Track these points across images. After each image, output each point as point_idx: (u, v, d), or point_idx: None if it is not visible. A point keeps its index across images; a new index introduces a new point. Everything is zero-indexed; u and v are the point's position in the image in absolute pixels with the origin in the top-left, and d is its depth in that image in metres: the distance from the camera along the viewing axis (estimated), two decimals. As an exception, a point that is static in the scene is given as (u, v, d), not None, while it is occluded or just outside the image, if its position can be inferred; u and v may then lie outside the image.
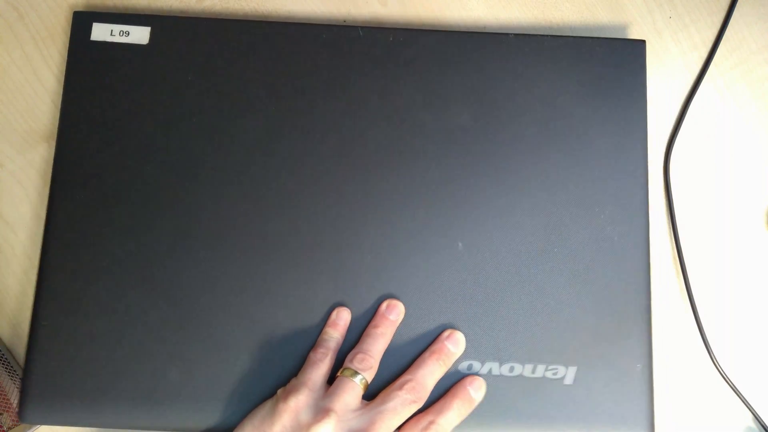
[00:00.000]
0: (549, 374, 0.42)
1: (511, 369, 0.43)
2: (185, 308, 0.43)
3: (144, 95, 0.45)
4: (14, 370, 0.46)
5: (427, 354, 0.42)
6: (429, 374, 0.41)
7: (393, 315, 0.42)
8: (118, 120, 0.44)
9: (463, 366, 0.43)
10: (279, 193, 0.44)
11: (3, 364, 0.46)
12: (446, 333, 0.43)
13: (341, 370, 0.41)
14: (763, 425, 0.47)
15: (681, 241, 0.47)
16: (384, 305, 0.43)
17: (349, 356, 0.41)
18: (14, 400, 0.45)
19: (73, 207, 0.44)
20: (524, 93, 0.45)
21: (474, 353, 0.43)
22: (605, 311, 0.43)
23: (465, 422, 0.42)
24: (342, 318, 0.42)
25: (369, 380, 0.41)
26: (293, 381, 0.41)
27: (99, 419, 0.42)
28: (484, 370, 0.43)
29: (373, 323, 0.42)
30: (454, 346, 0.42)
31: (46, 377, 0.43)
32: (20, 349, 0.47)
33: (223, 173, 0.44)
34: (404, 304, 0.43)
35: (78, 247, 0.44)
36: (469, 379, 0.42)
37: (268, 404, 0.40)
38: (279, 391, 0.41)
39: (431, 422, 0.40)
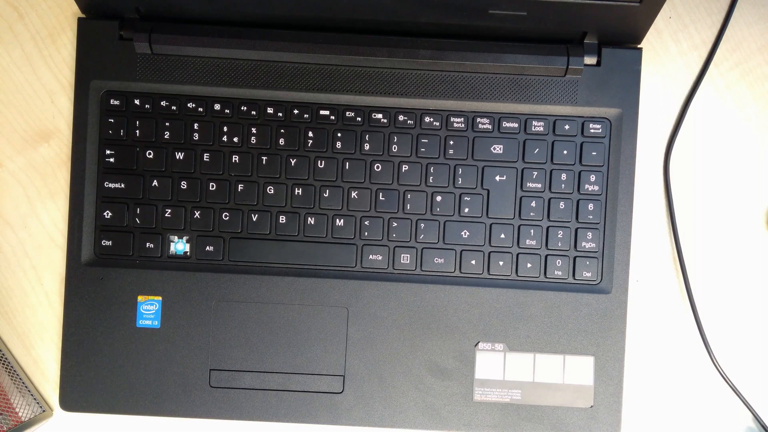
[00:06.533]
0: None
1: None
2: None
3: None
4: (14, 370, 0.46)
5: None
6: None
7: None
8: None
9: None
10: None
11: (3, 364, 0.46)
12: None
13: None
14: (763, 425, 0.47)
15: (681, 241, 0.47)
16: None
17: None
18: (14, 400, 0.45)
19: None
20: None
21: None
22: None
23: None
24: None
25: None
26: None
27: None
28: None
29: None
30: None
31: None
32: (20, 349, 0.47)
33: None
34: None
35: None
36: None
37: None
38: None
39: None
